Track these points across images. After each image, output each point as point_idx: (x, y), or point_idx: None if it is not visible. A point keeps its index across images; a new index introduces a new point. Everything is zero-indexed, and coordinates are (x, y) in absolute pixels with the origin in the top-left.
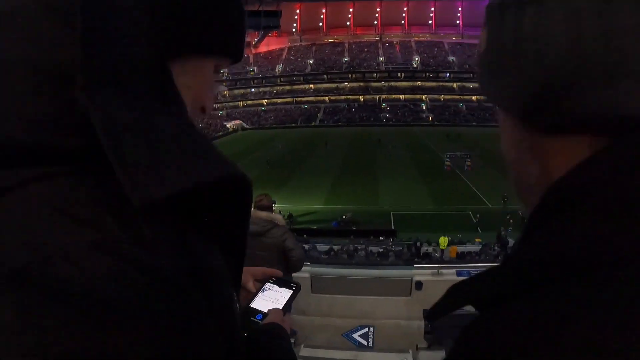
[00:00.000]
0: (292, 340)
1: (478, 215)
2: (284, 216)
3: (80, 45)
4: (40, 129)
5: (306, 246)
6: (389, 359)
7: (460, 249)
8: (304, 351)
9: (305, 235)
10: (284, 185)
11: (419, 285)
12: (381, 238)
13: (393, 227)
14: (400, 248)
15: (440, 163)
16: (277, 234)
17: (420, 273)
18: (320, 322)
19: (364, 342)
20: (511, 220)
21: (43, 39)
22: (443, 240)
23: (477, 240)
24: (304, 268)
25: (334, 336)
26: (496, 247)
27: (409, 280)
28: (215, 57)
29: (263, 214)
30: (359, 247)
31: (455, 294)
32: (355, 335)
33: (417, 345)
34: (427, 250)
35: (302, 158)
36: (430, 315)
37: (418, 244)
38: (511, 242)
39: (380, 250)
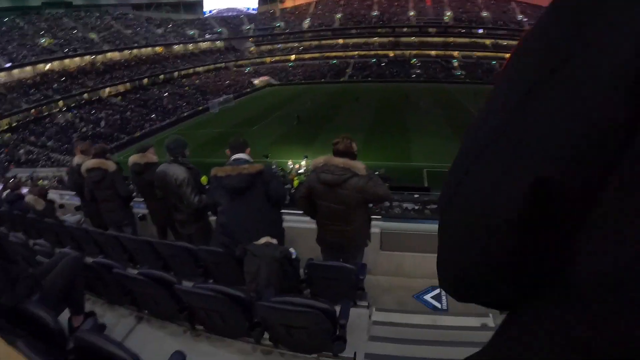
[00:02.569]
0: (364, 302)
1: None
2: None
3: None
4: None
5: None
6: (468, 322)
7: None
8: (375, 315)
9: None
10: (314, 141)
11: None
12: (415, 195)
13: (426, 184)
14: (436, 206)
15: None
16: (356, 185)
17: None
18: (389, 283)
19: (438, 305)
20: None
21: None
22: None
23: None
24: (372, 223)
25: (405, 297)
26: None
27: None
28: None
29: (339, 161)
30: (394, 204)
31: None
32: (427, 297)
33: None
34: None
35: (331, 114)
36: None
37: None
38: None
39: (416, 207)
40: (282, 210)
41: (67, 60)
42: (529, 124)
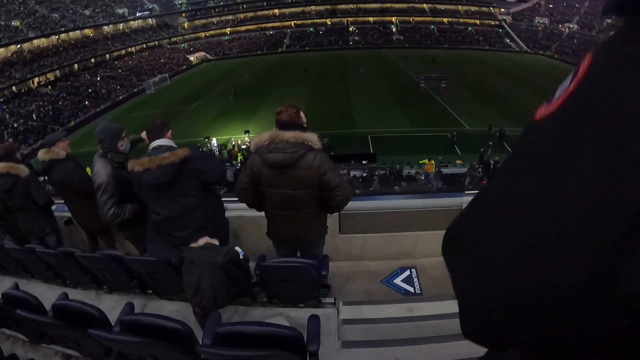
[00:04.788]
0: (330, 299)
1: (456, 136)
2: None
3: None
4: None
5: None
6: (450, 308)
7: (445, 171)
8: (344, 311)
9: None
10: (254, 115)
11: None
12: (364, 162)
13: (372, 150)
14: (384, 172)
15: (415, 85)
16: (313, 163)
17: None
18: (353, 269)
19: (410, 289)
20: (491, 143)
21: None
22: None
23: (458, 162)
24: None
25: (372, 284)
26: (480, 169)
27: (458, 210)
28: None
29: (289, 135)
30: (342, 173)
31: None
32: (397, 281)
33: None
34: (409, 172)
35: (270, 86)
36: None
37: (398, 167)
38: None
39: (364, 174)
40: (224, 198)
41: None
42: None
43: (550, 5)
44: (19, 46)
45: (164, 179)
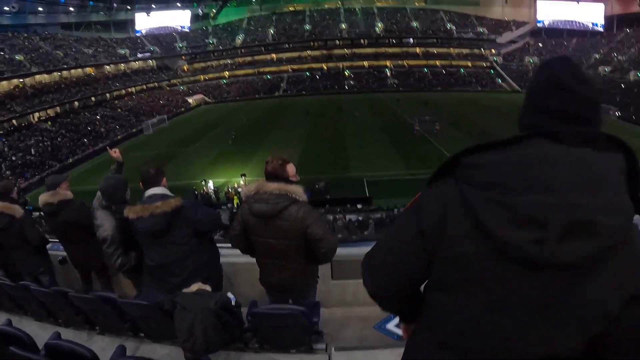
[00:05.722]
0: (321, 345)
1: None
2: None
3: None
4: None
5: None
6: None
7: None
8: (337, 357)
9: None
10: (251, 158)
11: None
12: (359, 206)
13: (368, 194)
14: (379, 215)
15: (409, 127)
16: (297, 215)
17: None
18: (346, 315)
19: (400, 333)
20: None
21: None
22: None
23: None
24: None
25: (365, 330)
26: None
27: None
28: None
29: (273, 187)
30: (337, 217)
31: None
32: (390, 326)
33: None
34: None
35: (267, 130)
36: None
37: (395, 210)
38: None
39: (360, 218)
40: (219, 244)
41: None
42: None
43: (540, 45)
44: (21, 80)
45: (156, 228)
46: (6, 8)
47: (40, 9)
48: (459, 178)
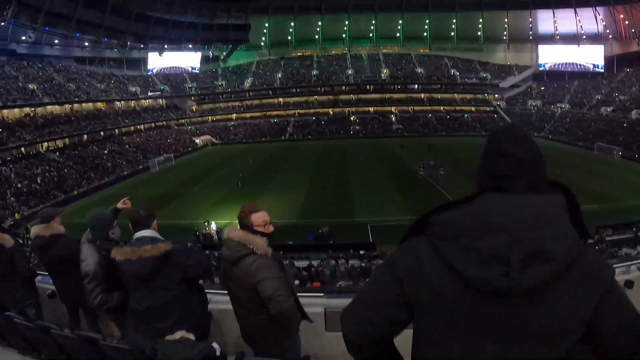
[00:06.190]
0: None
1: None
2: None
3: None
4: None
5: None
6: None
7: None
8: None
9: (281, 252)
10: (255, 201)
11: None
12: (361, 252)
13: (371, 240)
14: (381, 261)
15: (413, 173)
16: (250, 268)
17: None
18: None
19: None
20: None
21: None
22: None
23: None
24: (315, 300)
25: None
26: None
27: None
28: None
29: (236, 234)
30: (339, 262)
31: None
32: None
33: None
34: None
35: (273, 173)
36: None
37: None
38: None
39: (363, 264)
40: (210, 290)
41: (5, 111)
42: None
43: (542, 88)
44: (33, 109)
45: (144, 271)
46: (23, 37)
47: (56, 41)
48: (429, 234)
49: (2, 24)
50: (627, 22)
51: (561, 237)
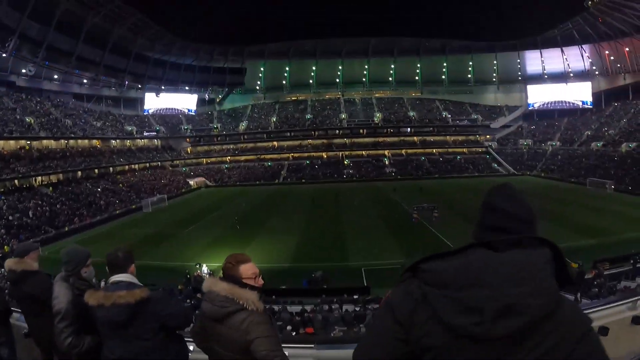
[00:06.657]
0: None
1: None
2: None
3: None
4: None
5: (275, 308)
6: None
7: None
8: None
9: (274, 296)
10: (248, 244)
11: None
12: (355, 296)
13: (365, 284)
14: (378, 305)
15: (407, 216)
16: (241, 326)
17: None
18: None
19: None
20: None
21: None
22: None
23: None
24: (305, 352)
25: None
26: None
27: None
28: None
29: (222, 287)
30: (333, 307)
31: None
32: None
33: None
34: None
35: (266, 216)
36: None
37: None
38: None
39: (357, 309)
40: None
41: (1, 142)
42: None
43: (532, 127)
44: (28, 142)
45: (117, 319)
46: (23, 70)
47: (56, 76)
48: (420, 279)
49: (4, 55)
50: (612, 58)
51: (539, 293)
